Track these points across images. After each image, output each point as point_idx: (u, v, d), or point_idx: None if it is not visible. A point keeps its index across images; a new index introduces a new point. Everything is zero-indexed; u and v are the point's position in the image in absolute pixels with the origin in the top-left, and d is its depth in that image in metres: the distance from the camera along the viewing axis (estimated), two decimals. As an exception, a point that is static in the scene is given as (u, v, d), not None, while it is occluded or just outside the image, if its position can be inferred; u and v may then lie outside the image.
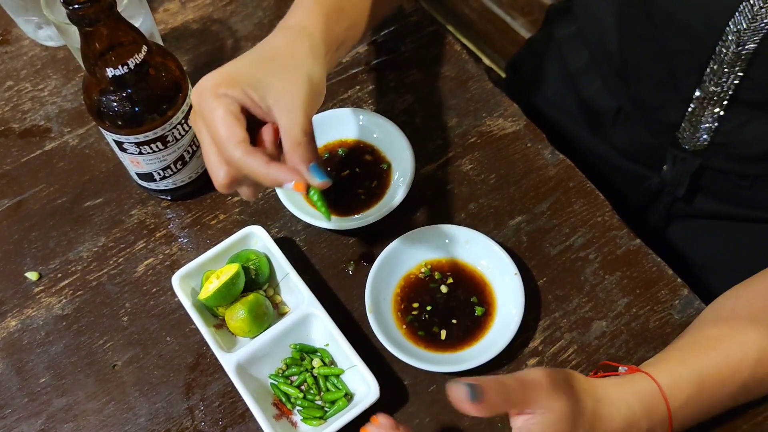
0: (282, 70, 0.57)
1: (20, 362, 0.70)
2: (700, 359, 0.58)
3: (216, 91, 0.55)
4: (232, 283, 0.65)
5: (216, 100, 0.55)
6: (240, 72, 0.56)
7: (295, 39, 0.60)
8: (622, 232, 0.73)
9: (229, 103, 0.55)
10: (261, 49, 0.60)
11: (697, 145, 0.74)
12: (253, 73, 0.56)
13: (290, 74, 0.57)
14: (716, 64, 0.65)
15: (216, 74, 0.56)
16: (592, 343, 0.68)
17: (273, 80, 0.56)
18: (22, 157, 0.82)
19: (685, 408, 0.57)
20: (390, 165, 0.76)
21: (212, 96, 0.55)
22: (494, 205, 0.75)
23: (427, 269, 0.70)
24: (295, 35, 0.60)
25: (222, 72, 0.56)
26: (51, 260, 0.75)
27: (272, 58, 0.58)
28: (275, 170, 0.54)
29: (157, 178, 0.73)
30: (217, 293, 0.65)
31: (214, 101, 0.55)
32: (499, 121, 0.81)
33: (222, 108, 0.54)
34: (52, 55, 0.90)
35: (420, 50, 0.87)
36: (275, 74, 0.57)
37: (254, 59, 0.58)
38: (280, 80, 0.56)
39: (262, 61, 0.58)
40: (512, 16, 1.66)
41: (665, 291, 0.70)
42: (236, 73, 0.56)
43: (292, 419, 0.64)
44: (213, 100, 0.55)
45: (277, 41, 0.61)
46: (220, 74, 0.56)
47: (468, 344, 0.67)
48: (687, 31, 0.66)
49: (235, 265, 0.67)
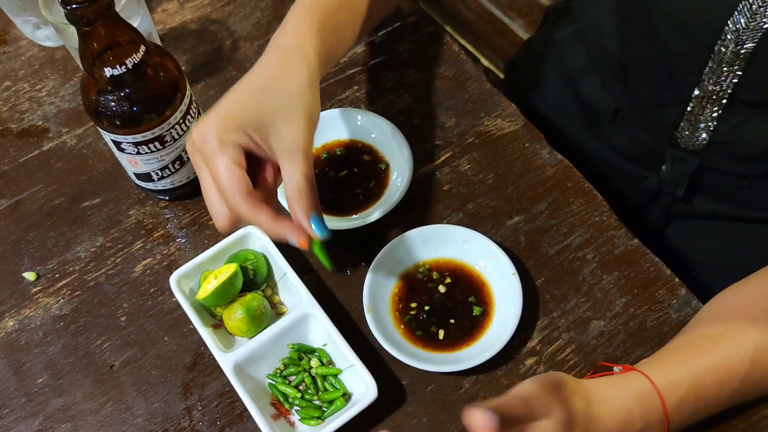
0: (282, 108, 0.57)
1: (18, 362, 0.70)
2: (696, 360, 0.58)
3: (220, 136, 0.54)
4: (230, 282, 0.65)
5: (221, 149, 0.54)
6: (242, 112, 0.56)
7: (293, 67, 0.60)
8: (620, 232, 0.73)
9: (233, 152, 0.55)
10: (259, 78, 0.59)
11: (695, 144, 0.74)
12: (255, 112, 0.56)
13: (291, 114, 0.57)
14: (715, 63, 0.65)
15: (218, 116, 0.56)
16: (590, 342, 0.68)
17: (275, 121, 0.56)
18: (20, 157, 0.82)
19: (681, 408, 0.57)
20: (388, 165, 0.76)
21: (216, 143, 0.54)
22: (492, 205, 0.76)
23: (425, 269, 0.70)
24: (291, 62, 0.60)
25: (224, 113, 0.56)
26: (49, 260, 0.75)
27: (273, 96, 0.58)
28: (281, 227, 0.55)
29: (155, 178, 0.73)
30: (215, 293, 0.65)
31: (218, 149, 0.54)
32: (497, 121, 0.81)
33: (227, 157, 0.54)
34: (50, 56, 0.90)
35: (418, 50, 0.87)
36: (276, 114, 0.57)
37: (254, 95, 0.58)
38: (281, 121, 0.56)
39: (263, 98, 0.57)
40: (511, 17, 1.66)
41: (663, 291, 0.70)
42: (239, 115, 0.56)
43: (290, 419, 0.64)
44: (217, 147, 0.54)
45: (273, 69, 0.60)
46: (222, 116, 0.56)
47: (466, 344, 0.67)
48: (686, 31, 0.66)
49: (233, 265, 0.67)
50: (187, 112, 0.69)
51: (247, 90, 0.58)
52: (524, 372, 0.66)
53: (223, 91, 0.83)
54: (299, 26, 0.63)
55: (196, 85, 0.86)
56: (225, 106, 0.57)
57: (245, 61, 0.87)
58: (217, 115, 0.56)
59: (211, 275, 0.67)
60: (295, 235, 0.56)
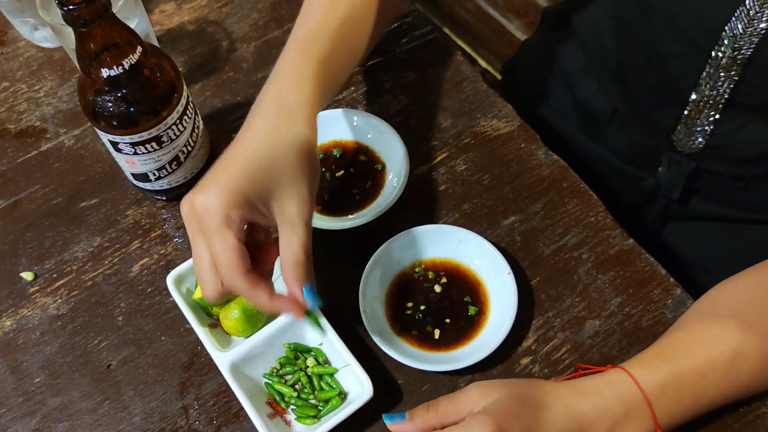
0: (285, 177, 0.56)
1: (15, 362, 0.70)
2: (677, 351, 0.59)
3: (227, 213, 0.53)
4: None
5: (227, 227, 0.53)
6: (248, 185, 0.54)
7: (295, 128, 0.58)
8: (615, 232, 0.74)
9: (239, 231, 0.54)
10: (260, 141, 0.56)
11: (692, 148, 0.74)
12: (260, 183, 0.55)
13: (294, 183, 0.56)
14: (712, 68, 0.66)
15: (226, 190, 0.53)
16: (585, 342, 0.68)
17: (278, 191, 0.55)
18: (18, 157, 0.82)
19: (663, 395, 0.57)
20: (384, 165, 0.77)
21: (222, 220, 0.53)
22: (488, 205, 0.76)
23: (420, 269, 0.71)
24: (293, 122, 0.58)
25: (232, 187, 0.54)
26: (46, 260, 0.75)
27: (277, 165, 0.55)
28: (278, 304, 0.56)
29: (152, 178, 0.73)
30: None
31: (223, 227, 0.53)
32: (494, 121, 0.81)
33: (232, 237, 0.53)
34: (48, 57, 0.90)
35: (415, 51, 0.87)
36: (280, 184, 0.55)
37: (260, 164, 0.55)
38: (285, 190, 0.55)
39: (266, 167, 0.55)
40: (508, 18, 1.66)
41: (658, 290, 0.70)
42: (246, 188, 0.54)
43: (286, 418, 0.64)
44: (222, 225, 0.53)
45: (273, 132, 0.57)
46: (230, 190, 0.53)
47: (461, 343, 0.67)
48: (683, 35, 0.66)
49: None
50: (184, 113, 0.70)
51: (250, 156, 0.56)
52: (519, 371, 0.67)
53: (220, 92, 0.85)
54: (296, 75, 0.61)
55: (194, 86, 0.86)
56: (232, 179, 0.54)
57: (242, 62, 0.88)
58: (225, 189, 0.54)
59: None
60: (291, 310, 0.57)
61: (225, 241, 0.53)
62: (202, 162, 0.76)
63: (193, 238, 0.55)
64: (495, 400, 0.55)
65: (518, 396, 0.55)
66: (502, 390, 0.56)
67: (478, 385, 0.57)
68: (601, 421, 0.56)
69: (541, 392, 0.56)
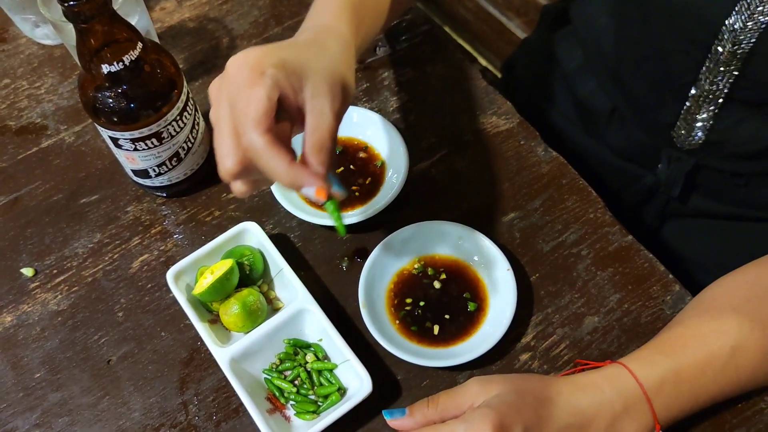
0: (321, 66, 0.53)
1: (15, 357, 0.70)
2: (675, 347, 0.59)
3: (261, 67, 0.50)
4: (226, 278, 0.66)
5: (259, 78, 0.50)
6: (285, 54, 0.52)
7: (331, 39, 0.58)
8: (615, 228, 0.74)
9: (271, 87, 0.50)
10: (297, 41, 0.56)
11: (691, 144, 0.74)
12: (296, 58, 0.52)
13: (329, 73, 0.53)
14: (712, 63, 0.66)
15: (262, 49, 0.51)
16: (584, 338, 0.68)
17: (313, 73, 0.52)
18: (19, 154, 0.82)
19: (662, 390, 0.57)
20: (384, 162, 0.77)
21: (256, 72, 0.50)
22: (487, 202, 0.76)
23: (420, 265, 0.71)
24: (330, 36, 0.58)
25: (269, 49, 0.52)
26: (47, 256, 0.75)
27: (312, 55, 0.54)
28: (297, 171, 0.50)
29: (152, 174, 0.73)
30: (211, 288, 0.65)
31: (257, 78, 0.50)
32: (493, 119, 0.82)
33: (263, 89, 0.50)
34: (49, 54, 0.90)
35: (414, 49, 0.87)
36: (315, 68, 0.53)
37: (295, 47, 0.54)
38: (319, 76, 0.52)
39: (303, 53, 0.53)
40: (508, 17, 1.66)
41: (657, 287, 0.70)
42: (282, 53, 0.52)
43: (285, 413, 0.64)
44: (256, 76, 0.50)
45: (311, 38, 0.57)
46: (267, 50, 0.51)
47: (461, 339, 0.67)
48: (683, 31, 0.66)
49: (229, 260, 0.67)
50: (184, 109, 0.70)
51: (298, 42, 0.55)
52: (518, 367, 0.67)
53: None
54: (333, 9, 0.61)
55: (194, 82, 0.86)
56: (268, 46, 0.52)
57: (243, 59, 0.88)
58: (261, 48, 0.51)
59: (208, 271, 0.67)
60: (313, 181, 0.51)
61: (255, 94, 0.49)
62: (202, 158, 0.76)
63: (217, 106, 0.52)
64: (495, 394, 0.55)
65: (519, 390, 0.55)
66: (502, 384, 0.56)
67: (478, 380, 0.57)
68: (600, 416, 0.56)
69: (542, 387, 0.57)
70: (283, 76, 0.51)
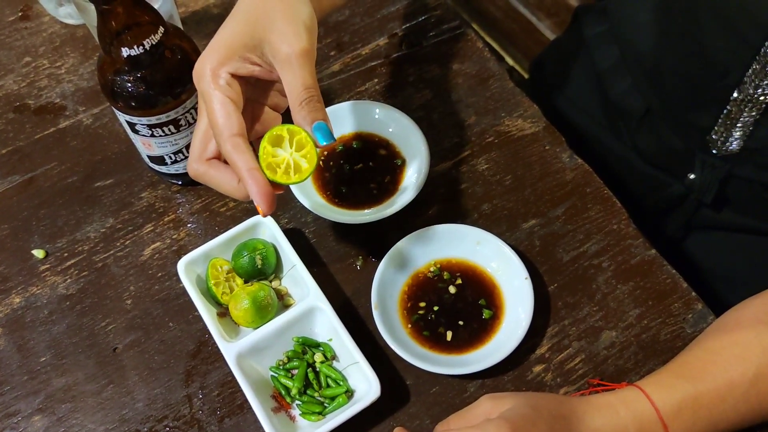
0: (275, 22, 0.54)
1: (22, 339, 0.69)
2: (694, 371, 0.57)
3: (214, 74, 0.54)
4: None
5: (214, 87, 0.53)
6: (234, 38, 0.54)
7: None
8: (638, 241, 0.72)
9: (227, 89, 0.54)
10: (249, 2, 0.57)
11: (728, 149, 0.72)
12: (247, 34, 0.54)
13: (284, 25, 0.54)
14: (760, 65, 0.63)
15: (212, 50, 0.54)
16: (600, 353, 0.66)
17: (268, 35, 0.54)
18: (36, 133, 0.82)
19: (679, 416, 0.55)
20: (404, 161, 0.75)
21: (211, 80, 0.53)
22: (508, 207, 0.74)
23: (436, 268, 0.69)
24: None
25: (217, 45, 0.54)
26: (58, 239, 0.74)
27: (264, 13, 0.55)
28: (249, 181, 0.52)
29: (168, 161, 0.72)
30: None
31: (211, 88, 0.53)
32: (518, 121, 0.80)
33: (219, 94, 0.53)
34: (71, 33, 0.89)
35: (441, 45, 0.86)
36: (268, 28, 0.54)
37: (245, 16, 0.56)
38: (274, 34, 0.54)
39: (253, 18, 0.55)
40: (538, 17, 1.64)
41: (678, 304, 0.68)
42: (230, 42, 0.54)
43: (290, 413, 0.63)
44: (211, 86, 0.53)
45: None
46: (215, 49, 0.54)
47: (474, 347, 0.65)
48: (732, 29, 0.64)
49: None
50: (203, 97, 0.69)
51: (237, 15, 0.56)
52: (531, 379, 0.65)
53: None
54: None
55: (216, 70, 0.85)
56: (217, 39, 0.55)
57: (266, 48, 0.86)
58: (210, 49, 0.54)
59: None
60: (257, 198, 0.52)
61: (215, 99, 0.53)
62: (219, 148, 0.75)
63: (200, 110, 0.57)
64: (509, 408, 0.54)
65: (534, 405, 0.54)
66: (515, 399, 0.54)
67: (490, 396, 0.56)
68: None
69: (556, 404, 0.55)
70: (241, 65, 0.54)
